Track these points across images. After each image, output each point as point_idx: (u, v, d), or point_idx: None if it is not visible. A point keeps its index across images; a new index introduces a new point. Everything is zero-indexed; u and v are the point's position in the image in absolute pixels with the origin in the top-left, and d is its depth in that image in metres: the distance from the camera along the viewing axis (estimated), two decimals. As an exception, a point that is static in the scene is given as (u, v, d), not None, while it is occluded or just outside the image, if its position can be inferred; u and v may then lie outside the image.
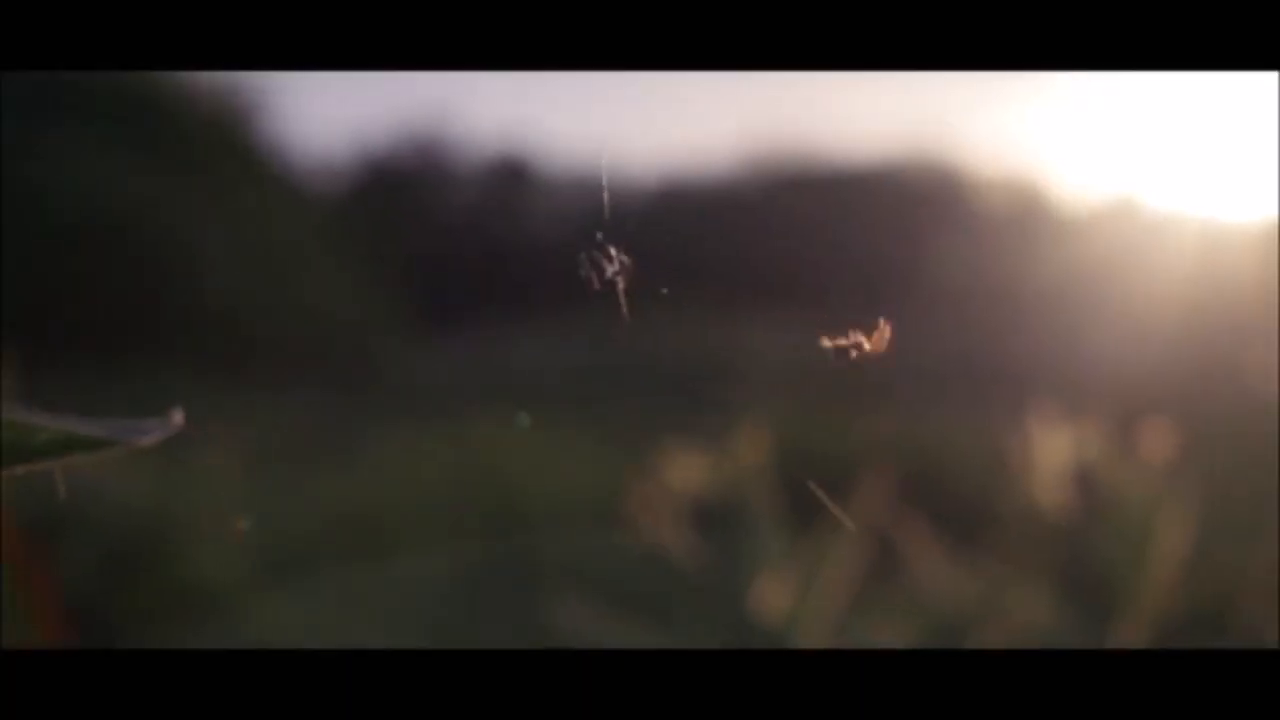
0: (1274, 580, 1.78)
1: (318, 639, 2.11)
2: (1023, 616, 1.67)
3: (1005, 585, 1.70)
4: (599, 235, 0.64)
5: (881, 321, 0.75)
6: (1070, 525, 1.75)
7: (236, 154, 7.58)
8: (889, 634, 1.57)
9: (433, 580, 2.66)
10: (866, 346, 0.75)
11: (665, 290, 0.64)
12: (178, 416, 0.65)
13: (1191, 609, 1.67)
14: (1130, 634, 1.61)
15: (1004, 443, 1.80)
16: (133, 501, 2.57)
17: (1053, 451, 1.75)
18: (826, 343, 0.75)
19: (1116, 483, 1.71)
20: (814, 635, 1.51)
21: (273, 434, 4.11)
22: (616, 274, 0.63)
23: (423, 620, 2.35)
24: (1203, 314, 4.73)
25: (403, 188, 9.25)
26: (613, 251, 0.63)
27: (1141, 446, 1.71)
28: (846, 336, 0.75)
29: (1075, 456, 1.74)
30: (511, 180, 9.51)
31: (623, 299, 0.63)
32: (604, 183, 0.63)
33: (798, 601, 1.50)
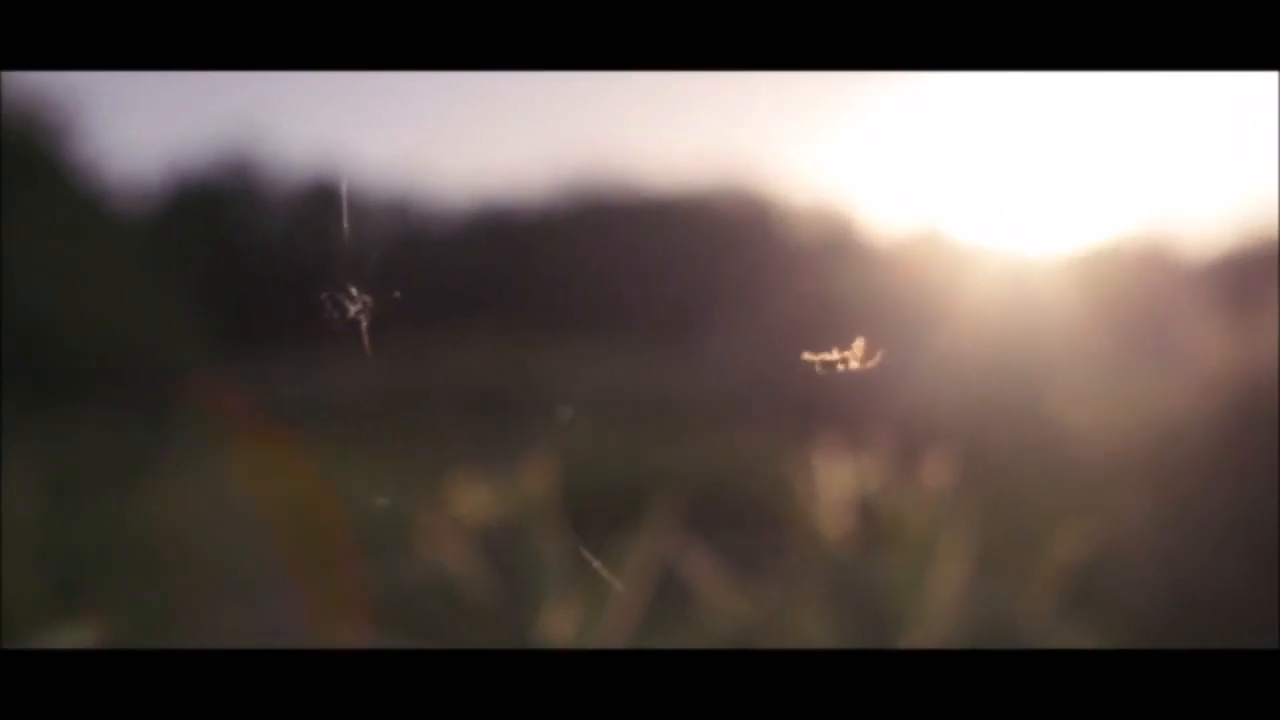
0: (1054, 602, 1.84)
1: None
2: (803, 640, 1.70)
3: (787, 610, 1.73)
4: (338, 275, 0.63)
5: (863, 339, 0.75)
6: (853, 552, 1.78)
7: (37, 166, 7.34)
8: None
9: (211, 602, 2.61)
10: (853, 363, 0.75)
11: (398, 294, 0.64)
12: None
13: (973, 633, 1.72)
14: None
15: (794, 470, 1.82)
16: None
17: (840, 479, 1.78)
18: (812, 358, 0.75)
19: (899, 510, 1.75)
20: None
21: (65, 453, 4.00)
22: (360, 313, 0.63)
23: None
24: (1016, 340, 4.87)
25: (204, 206, 9.06)
26: (354, 291, 0.63)
27: (927, 474, 1.75)
28: (831, 352, 0.75)
29: (861, 484, 1.78)
30: (318, 201, 9.38)
31: (365, 336, 0.63)
32: (345, 212, 0.63)
33: (581, 628, 1.51)
